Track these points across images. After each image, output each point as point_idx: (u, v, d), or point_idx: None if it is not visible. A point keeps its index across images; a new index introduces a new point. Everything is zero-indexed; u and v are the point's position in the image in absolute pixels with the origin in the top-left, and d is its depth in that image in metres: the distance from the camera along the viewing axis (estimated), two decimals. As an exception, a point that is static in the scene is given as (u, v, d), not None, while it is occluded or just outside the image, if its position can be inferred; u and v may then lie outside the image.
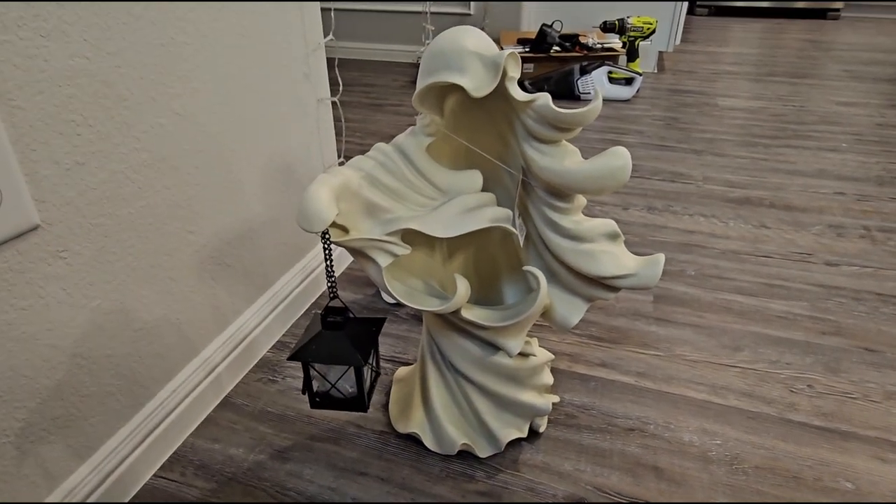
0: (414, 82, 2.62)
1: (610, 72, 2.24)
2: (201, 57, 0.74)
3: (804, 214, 1.39)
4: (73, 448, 0.65)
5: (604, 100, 2.28)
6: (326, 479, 0.73)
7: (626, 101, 2.27)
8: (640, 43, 2.42)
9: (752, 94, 2.38)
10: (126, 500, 0.71)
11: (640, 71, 2.30)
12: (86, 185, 0.60)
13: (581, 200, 0.61)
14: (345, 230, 0.56)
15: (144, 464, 0.73)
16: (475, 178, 0.62)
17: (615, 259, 0.60)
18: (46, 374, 0.60)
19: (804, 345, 0.96)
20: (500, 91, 0.56)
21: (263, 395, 0.87)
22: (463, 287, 0.59)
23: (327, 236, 0.52)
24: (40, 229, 0.56)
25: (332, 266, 0.54)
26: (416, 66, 2.90)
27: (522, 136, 0.58)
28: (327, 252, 0.53)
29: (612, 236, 0.61)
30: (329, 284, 0.55)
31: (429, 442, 0.76)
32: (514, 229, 0.60)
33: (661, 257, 0.60)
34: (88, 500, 0.66)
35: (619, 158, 0.54)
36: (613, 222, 0.61)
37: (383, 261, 0.57)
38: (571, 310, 0.66)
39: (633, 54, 2.38)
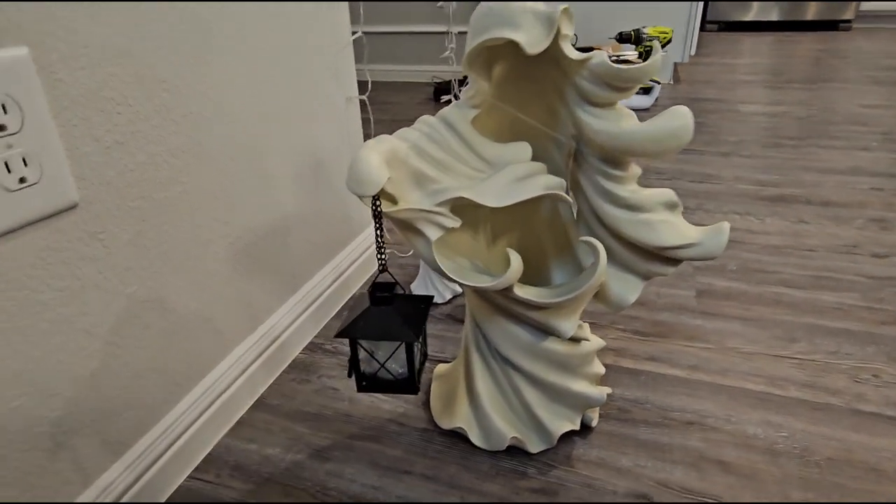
0: (430, 99, 2.63)
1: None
2: (238, 48, 0.73)
3: (844, 209, 1.34)
4: (108, 443, 0.61)
5: (623, 109, 2.27)
6: (370, 479, 0.69)
7: (646, 109, 2.25)
8: (657, 53, 2.42)
9: (772, 99, 2.35)
10: (161, 502, 0.67)
11: (658, 80, 2.29)
12: (124, 165, 0.59)
13: (636, 169, 0.58)
14: (393, 201, 0.54)
15: (178, 464, 0.70)
16: (524, 149, 0.59)
17: (676, 229, 0.57)
18: (81, 361, 0.57)
19: (863, 335, 0.91)
20: (551, 54, 0.54)
21: (298, 394, 0.83)
22: (516, 261, 0.56)
23: (377, 202, 0.49)
24: (79, 208, 0.55)
25: (382, 236, 0.51)
26: (433, 85, 2.92)
27: (575, 102, 0.56)
28: (378, 221, 0.50)
29: (671, 205, 0.58)
30: (379, 256, 0.52)
31: (475, 438, 0.72)
32: (568, 198, 0.57)
33: (727, 225, 0.56)
34: (121, 501, 0.62)
35: (681, 117, 0.51)
36: (671, 191, 0.58)
37: (433, 234, 0.55)
38: (628, 288, 0.63)
39: (650, 64, 2.37)
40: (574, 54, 0.52)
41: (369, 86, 1.06)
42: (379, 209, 0.50)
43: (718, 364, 0.86)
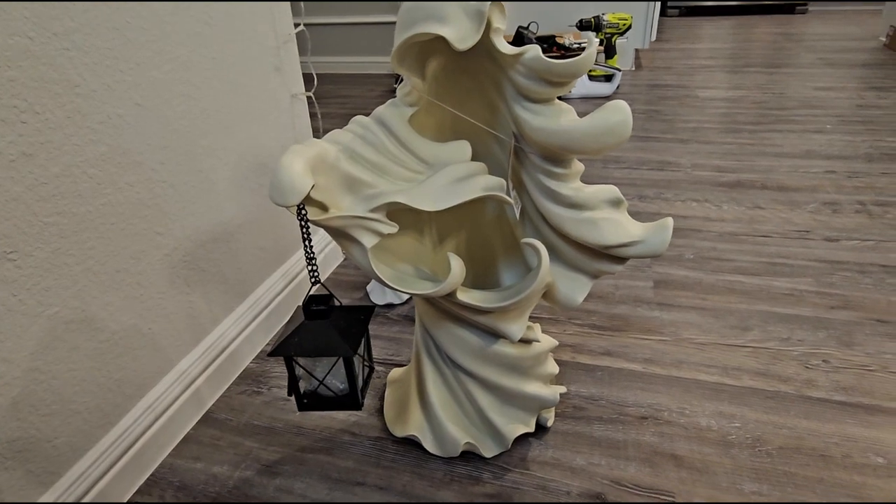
0: (391, 91, 2.59)
1: (589, 69, 2.22)
2: (161, 44, 0.69)
3: (797, 193, 1.36)
4: (35, 474, 0.58)
5: (584, 97, 2.27)
6: (320, 493, 0.67)
7: (607, 97, 2.25)
8: (617, 40, 2.42)
9: (730, 84, 2.38)
10: (98, 531, 0.64)
11: (619, 67, 2.29)
12: (35, 178, 0.55)
13: (578, 166, 0.57)
14: (324, 208, 0.51)
15: (118, 488, 0.66)
16: (464, 148, 0.57)
17: (619, 226, 0.56)
18: (-2, 390, 0.53)
19: (814, 320, 0.92)
20: (485, 48, 0.52)
21: (248, 407, 0.80)
22: (457, 266, 0.54)
23: (304, 212, 0.46)
24: (-17, 227, 0.51)
25: (311, 247, 0.48)
26: (392, 76, 2.87)
27: (512, 97, 0.54)
28: (305, 231, 0.47)
29: (615, 203, 0.57)
30: (309, 269, 0.50)
31: (429, 444, 0.70)
32: (509, 199, 0.55)
33: (670, 221, 0.55)
34: (53, 533, 0.59)
35: (619, 112, 0.50)
36: (615, 188, 0.57)
37: (368, 241, 0.52)
38: (576, 287, 0.61)
39: (610, 51, 2.38)
40: (507, 48, 0.50)
41: (315, 81, 1.02)
42: (306, 219, 0.47)
43: (673, 356, 0.86)
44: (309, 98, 0.98)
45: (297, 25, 0.97)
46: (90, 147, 0.60)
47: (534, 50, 0.49)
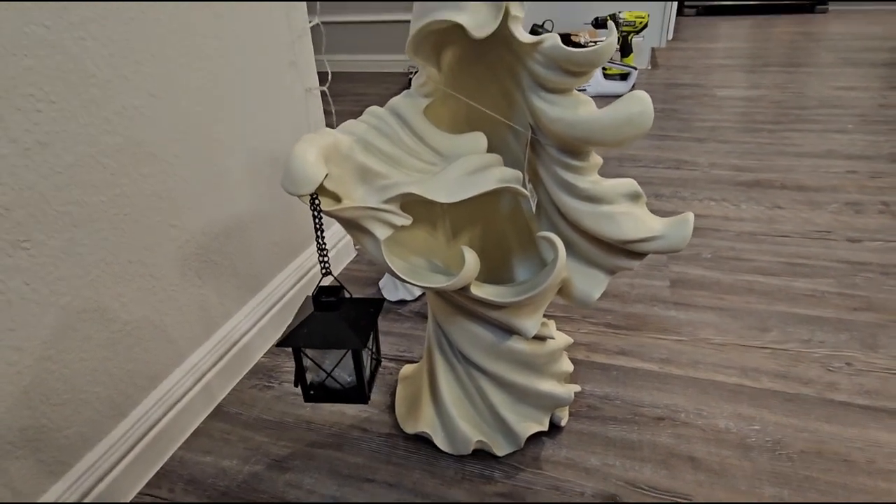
0: (405, 89, 2.59)
1: (604, 68, 2.20)
2: (176, 36, 0.69)
3: (818, 194, 1.33)
4: (45, 463, 0.58)
5: (599, 96, 2.24)
6: (329, 488, 0.66)
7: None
8: (633, 38, 2.39)
9: (749, 83, 2.34)
10: (108, 522, 0.64)
11: (635, 66, 2.26)
12: (49, 168, 0.55)
13: (597, 159, 0.56)
14: (336, 199, 0.51)
15: (128, 480, 0.66)
16: (479, 140, 0.56)
17: (638, 221, 0.55)
18: (10, 379, 0.53)
19: (836, 322, 0.90)
20: (503, 37, 0.51)
21: (258, 402, 0.80)
22: (472, 259, 0.53)
23: (316, 201, 0.46)
24: (-3, 215, 0.50)
25: (323, 238, 0.48)
26: (407, 74, 2.87)
27: (529, 87, 0.53)
28: (317, 222, 0.47)
29: (634, 197, 0.55)
30: (320, 259, 0.49)
31: (440, 442, 0.69)
32: (525, 191, 0.54)
33: (691, 216, 0.54)
34: (64, 523, 0.59)
35: (639, 103, 0.49)
36: (634, 181, 0.55)
37: (382, 233, 0.51)
38: (592, 284, 0.60)
39: (626, 49, 2.35)
40: (525, 37, 0.48)
41: (329, 76, 1.02)
42: (318, 208, 0.46)
43: (690, 356, 0.84)
44: (323, 93, 0.98)
45: (311, 20, 0.97)
46: (105, 137, 0.60)
47: (552, 38, 0.48)
